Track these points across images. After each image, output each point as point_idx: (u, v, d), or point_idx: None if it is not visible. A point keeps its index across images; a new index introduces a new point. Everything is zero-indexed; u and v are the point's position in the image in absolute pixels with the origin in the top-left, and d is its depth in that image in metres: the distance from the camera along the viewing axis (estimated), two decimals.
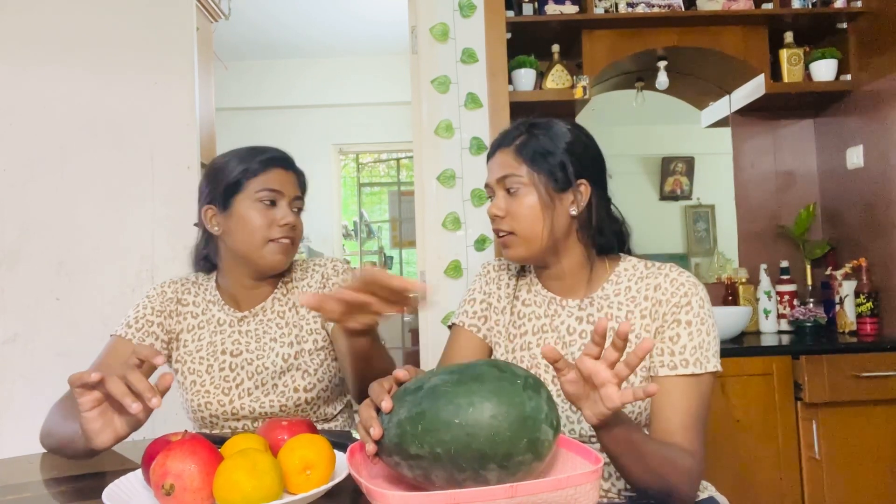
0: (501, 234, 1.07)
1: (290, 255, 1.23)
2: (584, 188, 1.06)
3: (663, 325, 1.00)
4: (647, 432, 1.00)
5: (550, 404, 0.68)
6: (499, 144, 1.09)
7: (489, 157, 1.12)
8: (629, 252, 1.12)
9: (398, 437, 0.67)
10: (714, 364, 0.97)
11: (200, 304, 1.27)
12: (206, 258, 1.30)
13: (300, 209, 1.25)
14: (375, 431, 0.71)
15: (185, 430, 0.84)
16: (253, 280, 1.25)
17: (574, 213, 1.05)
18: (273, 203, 1.19)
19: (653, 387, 0.71)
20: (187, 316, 1.26)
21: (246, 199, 1.18)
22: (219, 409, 1.19)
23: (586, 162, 1.07)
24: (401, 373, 0.76)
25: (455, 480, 0.65)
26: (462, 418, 0.64)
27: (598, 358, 0.74)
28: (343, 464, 0.78)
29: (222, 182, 1.19)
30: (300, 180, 1.25)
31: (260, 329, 1.24)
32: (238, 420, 1.20)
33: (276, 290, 1.28)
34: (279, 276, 1.29)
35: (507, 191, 1.05)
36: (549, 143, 1.05)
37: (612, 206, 1.11)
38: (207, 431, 1.22)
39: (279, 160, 1.21)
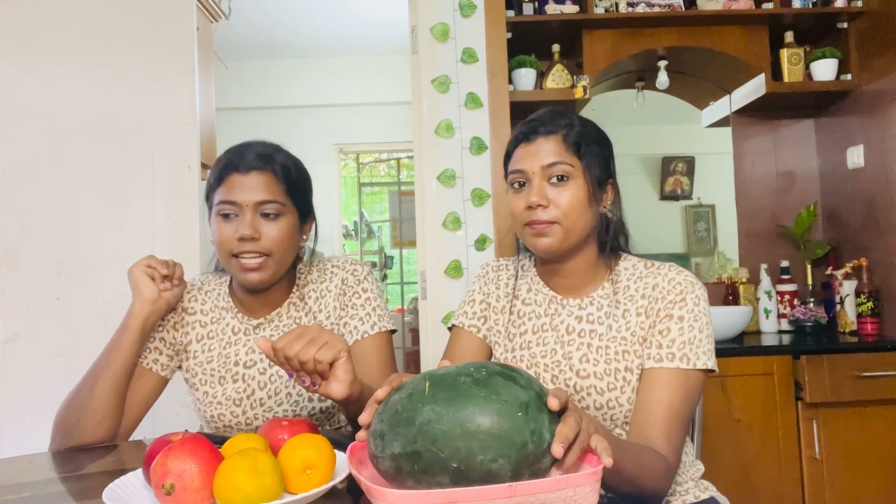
0: (539, 223, 1.01)
1: (266, 273, 1.11)
2: (612, 187, 1.08)
3: (655, 321, 1.00)
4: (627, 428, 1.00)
5: (552, 427, 0.65)
6: (535, 130, 1.04)
7: (523, 141, 1.05)
8: (628, 251, 1.13)
9: (394, 470, 0.66)
10: (704, 362, 0.97)
11: (209, 312, 1.21)
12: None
13: (275, 213, 1.10)
14: (363, 417, 0.70)
15: (186, 430, 0.84)
16: (249, 291, 1.18)
17: (603, 210, 1.07)
18: (231, 215, 1.10)
19: (608, 461, 0.65)
20: (195, 325, 1.21)
21: (213, 212, 1.13)
22: (232, 420, 1.16)
23: (614, 161, 1.09)
24: (380, 393, 0.71)
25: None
26: (460, 461, 0.62)
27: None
28: (343, 464, 0.78)
29: (205, 195, 1.17)
30: (279, 177, 1.12)
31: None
32: (251, 431, 1.17)
33: (291, 295, 1.22)
34: (291, 279, 1.22)
35: (551, 179, 1.01)
36: (597, 138, 1.05)
37: (621, 208, 1.11)
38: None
39: (238, 165, 1.10)
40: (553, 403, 0.66)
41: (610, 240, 1.08)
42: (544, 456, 0.64)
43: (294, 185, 1.15)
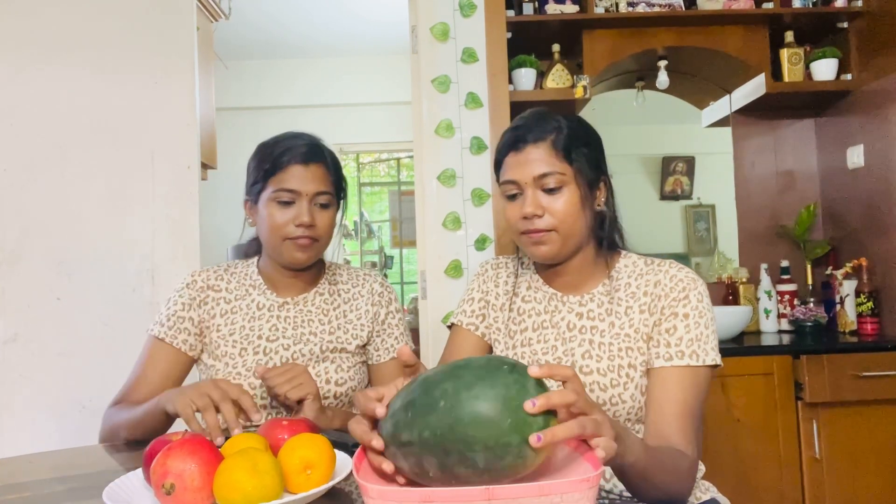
0: (536, 232, 1.02)
1: (313, 252, 1.21)
2: (604, 184, 1.08)
3: (661, 319, 1.01)
4: (642, 426, 1.01)
5: (539, 388, 0.65)
6: (524, 138, 1.03)
7: (510, 150, 1.05)
8: (625, 248, 1.13)
9: (393, 427, 0.67)
10: (713, 358, 0.98)
11: (234, 290, 1.27)
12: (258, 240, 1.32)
13: (327, 204, 1.21)
14: (377, 443, 0.68)
15: (186, 430, 0.84)
16: (287, 270, 1.26)
17: (599, 209, 1.06)
18: (289, 202, 1.18)
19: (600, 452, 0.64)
20: (220, 301, 1.26)
21: (266, 197, 1.19)
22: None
23: (603, 154, 1.09)
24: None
25: (446, 465, 0.64)
26: (446, 400, 0.64)
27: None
28: (343, 463, 0.78)
29: (250, 178, 1.23)
30: (330, 170, 1.22)
31: (299, 318, 1.26)
32: (265, 408, 1.19)
33: (319, 286, 1.31)
34: (320, 271, 1.32)
35: (544, 188, 1.01)
36: (585, 138, 1.04)
37: (615, 201, 1.11)
38: None
39: (298, 156, 1.19)
40: (534, 371, 0.65)
41: (606, 236, 1.09)
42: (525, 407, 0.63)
43: (339, 176, 1.26)
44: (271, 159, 1.19)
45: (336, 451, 0.78)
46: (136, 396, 1.19)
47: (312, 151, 1.20)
